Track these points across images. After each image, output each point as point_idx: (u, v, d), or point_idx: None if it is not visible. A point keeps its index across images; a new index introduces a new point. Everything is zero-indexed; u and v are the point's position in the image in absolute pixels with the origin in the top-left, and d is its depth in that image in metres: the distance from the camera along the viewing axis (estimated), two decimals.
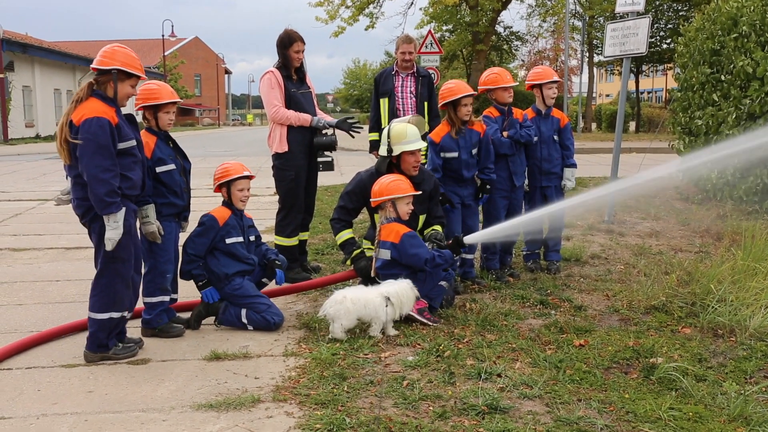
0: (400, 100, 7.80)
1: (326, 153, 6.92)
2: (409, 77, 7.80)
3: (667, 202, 11.42)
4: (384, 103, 7.85)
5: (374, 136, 7.80)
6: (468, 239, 5.99)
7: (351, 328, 5.21)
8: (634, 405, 4.02)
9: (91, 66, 4.74)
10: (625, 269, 7.26)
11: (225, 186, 5.59)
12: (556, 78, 7.07)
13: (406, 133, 5.94)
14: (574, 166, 7.13)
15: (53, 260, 7.99)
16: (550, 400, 4.12)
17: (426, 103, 7.80)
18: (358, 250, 6.05)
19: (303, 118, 6.71)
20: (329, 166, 6.93)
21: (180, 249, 5.52)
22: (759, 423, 3.79)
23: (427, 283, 5.62)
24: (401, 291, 5.25)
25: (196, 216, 5.71)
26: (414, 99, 7.76)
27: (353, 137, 7.36)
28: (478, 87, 7.02)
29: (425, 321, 5.46)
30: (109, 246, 4.59)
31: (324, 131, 6.80)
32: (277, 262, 5.79)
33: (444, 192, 6.39)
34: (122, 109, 4.78)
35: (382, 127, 7.54)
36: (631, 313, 5.78)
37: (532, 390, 4.23)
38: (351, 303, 5.13)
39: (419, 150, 5.99)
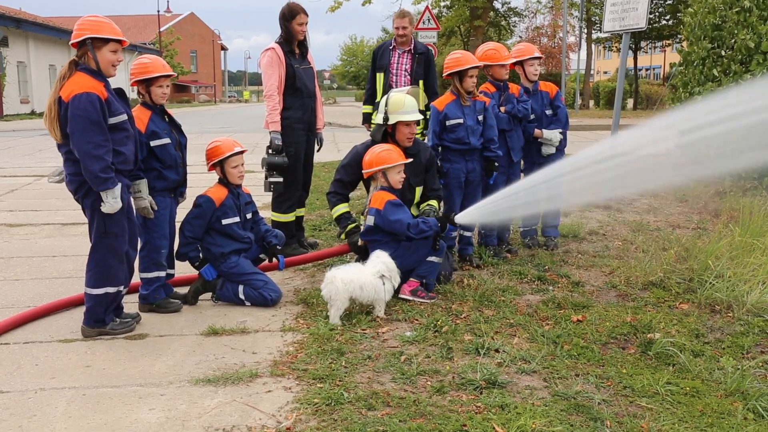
0: (394, 77, 7.72)
1: (276, 173, 6.55)
2: (406, 54, 7.72)
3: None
4: (380, 77, 7.79)
5: (368, 108, 7.74)
6: (459, 219, 5.95)
7: (347, 308, 5.11)
8: (632, 380, 4.04)
9: (70, 43, 4.67)
10: (622, 245, 7.26)
11: (219, 164, 5.54)
12: (537, 54, 7.02)
13: (404, 104, 5.89)
14: (557, 129, 6.98)
15: (50, 236, 7.97)
16: (548, 375, 4.13)
17: (422, 81, 7.73)
18: (353, 225, 6.03)
19: (272, 121, 6.60)
20: (280, 187, 6.57)
21: (177, 226, 5.50)
22: (755, 397, 3.80)
23: (414, 254, 5.60)
24: (389, 263, 5.22)
25: (193, 192, 5.69)
26: (408, 77, 7.68)
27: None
28: (490, 63, 6.94)
29: (421, 300, 5.45)
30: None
31: (269, 150, 6.56)
32: (278, 247, 5.76)
33: (439, 165, 6.35)
34: (111, 82, 4.72)
35: (377, 100, 7.48)
36: (628, 288, 5.78)
37: (530, 365, 4.24)
38: (341, 283, 5.01)
39: (414, 122, 5.96)
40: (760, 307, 5.15)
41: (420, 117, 6.03)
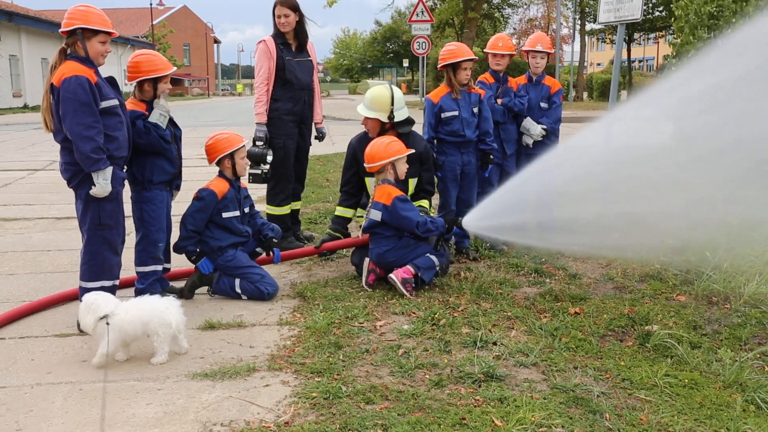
0: None
1: (261, 165, 6.49)
2: None
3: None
4: None
5: None
6: (467, 225, 5.82)
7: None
8: (630, 372, 4.03)
9: (60, 30, 4.67)
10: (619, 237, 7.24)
11: (228, 157, 5.51)
12: (539, 47, 6.98)
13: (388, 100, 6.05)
14: (544, 125, 6.91)
15: (44, 230, 7.93)
16: (546, 367, 4.12)
17: None
18: (336, 234, 6.22)
19: (257, 112, 6.61)
20: (258, 179, 6.51)
21: (173, 220, 5.46)
22: (754, 389, 3.81)
23: (414, 252, 5.61)
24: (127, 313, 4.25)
25: (187, 186, 5.64)
26: None
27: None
28: (485, 50, 6.98)
29: (403, 291, 5.42)
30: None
31: (257, 142, 6.54)
32: (274, 240, 5.73)
33: (435, 158, 6.34)
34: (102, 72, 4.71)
35: None
36: (625, 281, 5.78)
37: (528, 358, 4.23)
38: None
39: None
40: (757, 298, 5.15)
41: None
